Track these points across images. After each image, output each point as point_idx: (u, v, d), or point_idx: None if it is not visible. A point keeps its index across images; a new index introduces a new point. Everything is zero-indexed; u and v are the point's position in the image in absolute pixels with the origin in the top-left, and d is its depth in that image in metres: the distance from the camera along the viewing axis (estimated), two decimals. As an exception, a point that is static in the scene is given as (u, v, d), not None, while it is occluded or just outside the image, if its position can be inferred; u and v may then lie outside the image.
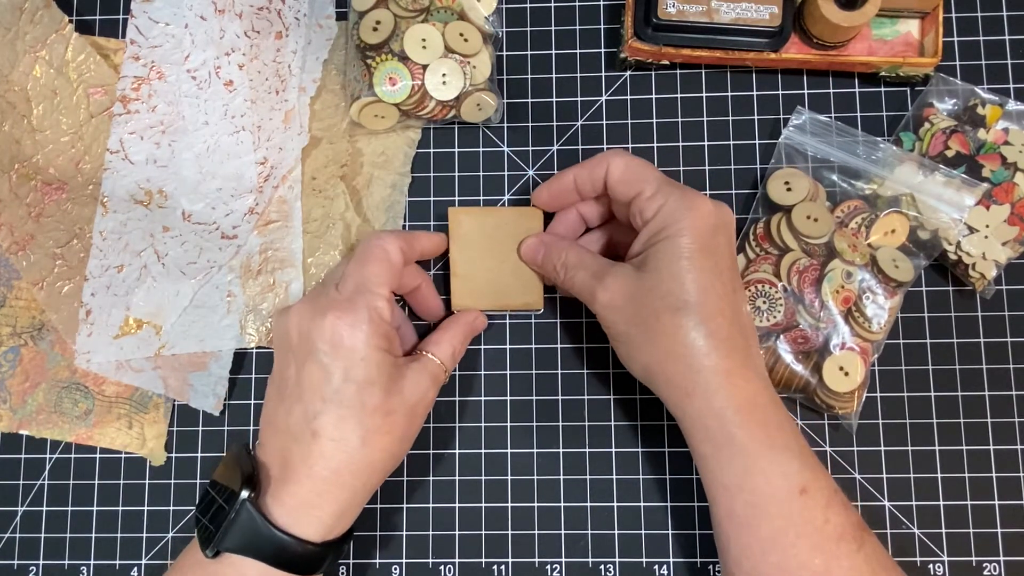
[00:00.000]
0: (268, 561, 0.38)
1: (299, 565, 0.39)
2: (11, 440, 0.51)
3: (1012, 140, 0.47)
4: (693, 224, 0.39)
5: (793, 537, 0.37)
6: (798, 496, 0.37)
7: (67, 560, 0.49)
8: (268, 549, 0.38)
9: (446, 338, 0.45)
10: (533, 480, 0.49)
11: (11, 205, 0.50)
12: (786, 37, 0.48)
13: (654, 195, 0.41)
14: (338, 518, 0.40)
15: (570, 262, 0.44)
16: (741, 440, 0.38)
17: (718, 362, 0.38)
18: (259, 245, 0.50)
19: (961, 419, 0.48)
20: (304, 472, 0.39)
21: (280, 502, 0.39)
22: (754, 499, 0.38)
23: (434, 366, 0.43)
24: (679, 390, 0.39)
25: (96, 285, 0.50)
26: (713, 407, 0.38)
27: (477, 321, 0.47)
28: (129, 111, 0.51)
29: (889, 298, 0.46)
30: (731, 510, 0.39)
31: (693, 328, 0.38)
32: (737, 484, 0.38)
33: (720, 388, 0.38)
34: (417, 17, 0.48)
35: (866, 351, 0.46)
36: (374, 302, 0.40)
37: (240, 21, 0.50)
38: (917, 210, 0.47)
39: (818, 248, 0.46)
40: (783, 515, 0.37)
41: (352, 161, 0.51)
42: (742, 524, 0.38)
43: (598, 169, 0.43)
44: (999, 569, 0.47)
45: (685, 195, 0.40)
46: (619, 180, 0.42)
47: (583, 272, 0.43)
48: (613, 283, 0.41)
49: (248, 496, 0.38)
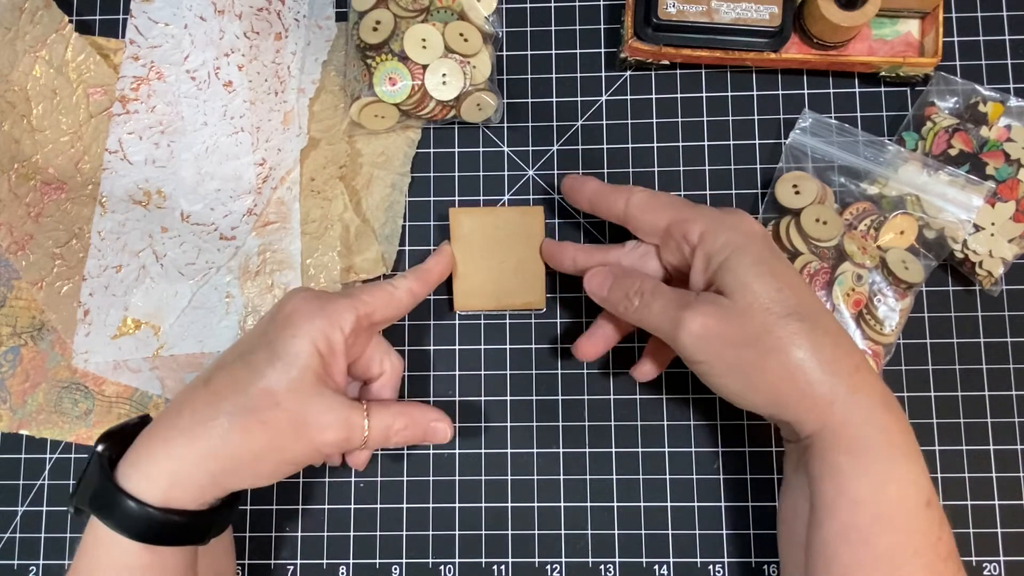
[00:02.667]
0: (110, 521, 0.36)
1: (141, 530, 0.36)
2: (11, 440, 0.51)
3: (1015, 137, 0.47)
4: (749, 234, 0.38)
5: (910, 554, 0.35)
6: (924, 508, 0.35)
7: (67, 560, 0.49)
8: (108, 506, 0.36)
9: (392, 410, 0.40)
10: (533, 480, 0.49)
11: (10, 205, 0.50)
12: (786, 37, 0.48)
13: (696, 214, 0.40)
14: (172, 481, 0.36)
15: (647, 289, 0.40)
16: (880, 445, 0.35)
17: (846, 361, 0.36)
18: (258, 246, 0.50)
19: (961, 419, 0.48)
20: (172, 417, 0.37)
21: (134, 451, 0.37)
22: (882, 511, 0.35)
23: (356, 417, 0.38)
24: (814, 401, 0.36)
25: (94, 285, 0.50)
26: (859, 406, 0.35)
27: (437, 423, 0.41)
28: (128, 111, 0.51)
29: (900, 300, 0.46)
30: (851, 524, 0.35)
31: (810, 331, 0.36)
32: (867, 495, 0.35)
33: (858, 388, 0.36)
34: (417, 17, 0.48)
35: (878, 354, 0.46)
36: (344, 310, 0.39)
37: (240, 22, 0.50)
38: (923, 210, 0.47)
39: (828, 251, 0.46)
40: (907, 529, 0.35)
41: (352, 161, 0.51)
42: (860, 539, 0.35)
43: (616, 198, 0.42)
44: (999, 569, 0.47)
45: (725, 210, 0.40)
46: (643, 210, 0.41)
47: (662, 300, 0.39)
48: (704, 309, 0.37)
49: (99, 450, 0.37)
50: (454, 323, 0.50)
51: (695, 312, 0.37)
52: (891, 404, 0.37)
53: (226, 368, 0.38)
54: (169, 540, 0.36)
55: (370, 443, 0.39)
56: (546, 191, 0.51)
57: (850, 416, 0.36)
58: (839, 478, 0.36)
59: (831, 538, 0.36)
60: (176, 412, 0.37)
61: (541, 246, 0.47)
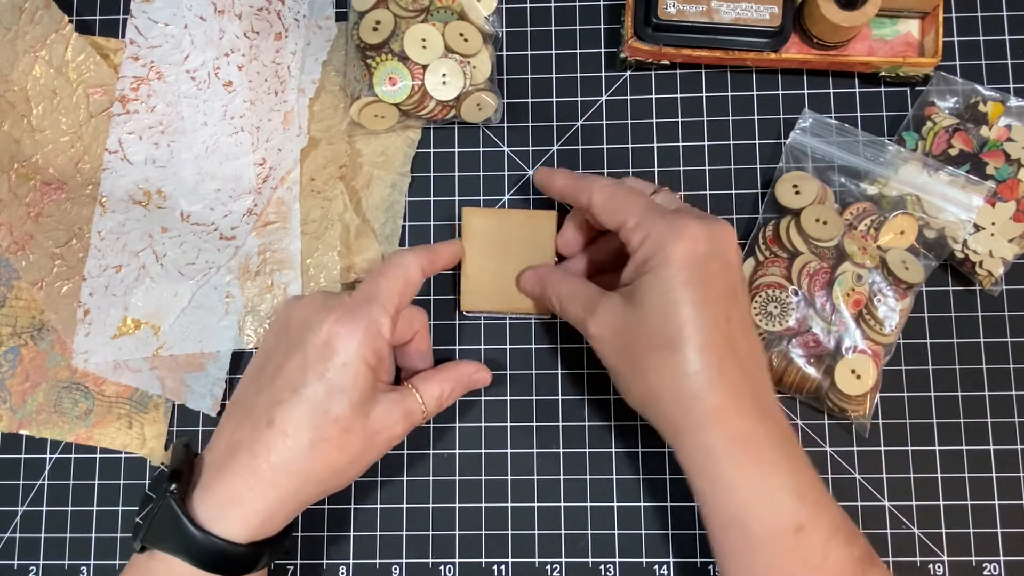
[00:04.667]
0: (189, 558, 0.37)
1: (222, 564, 0.37)
2: (11, 440, 0.51)
3: (1015, 136, 0.47)
4: (679, 254, 0.38)
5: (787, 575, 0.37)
6: (793, 535, 0.36)
7: (67, 560, 0.49)
8: (188, 546, 0.37)
9: (437, 379, 0.43)
10: (533, 480, 0.49)
11: (10, 205, 0.50)
12: (786, 37, 0.48)
13: (636, 226, 0.39)
14: (264, 519, 0.38)
15: (564, 294, 0.43)
16: (731, 476, 0.37)
17: (709, 399, 0.37)
18: (257, 246, 0.50)
19: (961, 419, 0.48)
20: (245, 460, 0.38)
21: (211, 494, 0.38)
22: (747, 534, 0.37)
23: (412, 402, 0.42)
24: (670, 426, 0.39)
25: (94, 285, 0.50)
26: (705, 444, 0.37)
27: (477, 374, 0.45)
28: (128, 111, 0.51)
29: (900, 300, 0.46)
30: (726, 543, 0.38)
31: (680, 365, 0.37)
32: (730, 519, 0.37)
33: (712, 426, 0.37)
34: (417, 17, 0.48)
35: (878, 354, 0.46)
36: (378, 316, 0.40)
37: (239, 22, 0.50)
38: (923, 210, 0.47)
39: (828, 251, 0.46)
40: (777, 553, 0.37)
41: (351, 161, 0.51)
42: (737, 559, 0.38)
43: (581, 195, 0.43)
44: (999, 569, 0.47)
45: (671, 223, 0.39)
46: (601, 210, 0.42)
47: (575, 304, 0.42)
48: (602, 316, 0.40)
49: (172, 489, 0.37)
50: (454, 323, 0.50)
51: (594, 319, 0.41)
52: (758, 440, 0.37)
53: (285, 405, 0.38)
54: (250, 569, 0.38)
55: (428, 416, 0.43)
56: (546, 191, 0.51)
57: (699, 448, 0.38)
58: (703, 500, 0.38)
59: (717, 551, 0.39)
60: (250, 455, 0.38)
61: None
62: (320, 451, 0.38)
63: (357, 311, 0.39)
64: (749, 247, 0.49)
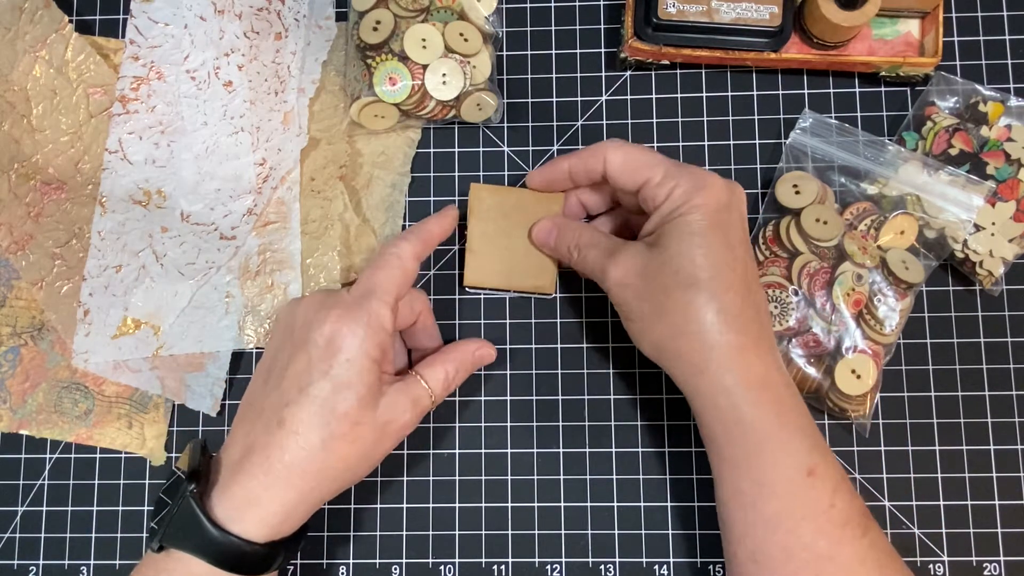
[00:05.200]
0: (208, 558, 0.37)
1: (240, 564, 0.38)
2: (11, 440, 0.51)
3: (1015, 136, 0.47)
4: (704, 202, 0.39)
5: (798, 518, 0.37)
6: (805, 477, 0.38)
7: (67, 560, 0.49)
8: (207, 545, 0.37)
9: (440, 362, 0.44)
10: (533, 480, 0.49)
11: (10, 205, 0.50)
12: (786, 37, 0.48)
13: (663, 180, 0.41)
14: (282, 519, 0.38)
15: (583, 242, 0.43)
16: (751, 419, 0.38)
17: (731, 338, 0.38)
18: (257, 246, 0.50)
19: (961, 419, 0.48)
20: (259, 461, 0.38)
21: (228, 495, 0.38)
22: (761, 478, 0.38)
23: (419, 389, 0.42)
24: (691, 367, 0.39)
25: (94, 285, 0.50)
26: (725, 384, 0.38)
27: (480, 351, 0.45)
28: (128, 111, 0.51)
29: (900, 300, 0.46)
30: (737, 488, 0.39)
31: (704, 304, 0.38)
32: (745, 463, 0.38)
33: (732, 365, 0.38)
34: (417, 17, 0.48)
35: (878, 354, 0.46)
36: (378, 309, 0.40)
37: (240, 22, 0.50)
38: (923, 210, 0.47)
39: (828, 251, 0.46)
40: (789, 495, 0.38)
41: (351, 161, 0.51)
42: (748, 503, 0.38)
43: (593, 161, 0.43)
44: (999, 569, 0.47)
45: (695, 175, 0.40)
46: (621, 171, 0.42)
47: (595, 251, 0.43)
48: (625, 260, 0.41)
49: (191, 490, 0.38)
50: (455, 323, 0.50)
51: (615, 263, 0.41)
52: (775, 383, 0.39)
53: (293, 405, 0.39)
54: (267, 568, 0.39)
55: (436, 401, 0.43)
56: (546, 191, 0.51)
57: (719, 388, 0.38)
58: (716, 445, 0.40)
59: (726, 500, 0.40)
60: (263, 457, 0.39)
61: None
62: (332, 448, 0.39)
63: (357, 307, 0.40)
64: (750, 245, 0.49)
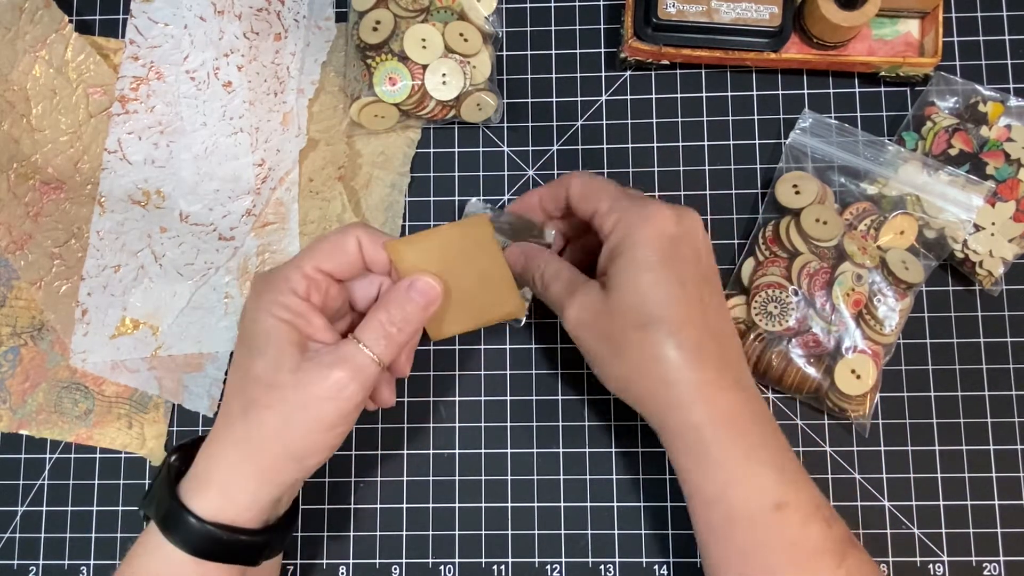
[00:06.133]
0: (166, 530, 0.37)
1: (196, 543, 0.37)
2: (11, 440, 0.51)
3: (1015, 136, 0.47)
4: (649, 235, 0.39)
5: (768, 551, 0.37)
6: (773, 511, 0.37)
7: (67, 560, 0.49)
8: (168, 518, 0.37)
9: (370, 316, 0.39)
10: (533, 480, 0.49)
11: (9, 204, 0.50)
12: (786, 37, 0.48)
13: (609, 210, 0.40)
14: (222, 493, 0.37)
15: (548, 272, 0.43)
16: (717, 455, 0.38)
17: (690, 374, 0.38)
18: (256, 247, 0.50)
19: (961, 419, 0.48)
20: (209, 437, 0.39)
21: (189, 473, 0.39)
22: (730, 512, 0.38)
23: (350, 349, 0.37)
24: (655, 405, 0.39)
25: (93, 285, 0.50)
26: (690, 420, 0.38)
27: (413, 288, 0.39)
28: (127, 111, 0.51)
29: (899, 300, 0.46)
30: (708, 521, 0.39)
31: (660, 342, 0.38)
32: (714, 496, 0.38)
33: (695, 401, 0.38)
34: (417, 17, 0.48)
35: (878, 354, 0.46)
36: (288, 272, 0.38)
37: (239, 22, 0.50)
38: (923, 210, 0.47)
39: (828, 251, 0.46)
40: (758, 528, 0.38)
41: (351, 161, 0.51)
42: (719, 535, 0.38)
43: (559, 189, 0.43)
44: (999, 569, 0.47)
45: (640, 206, 0.39)
46: (578, 199, 0.42)
47: (557, 284, 0.42)
48: (581, 300, 0.40)
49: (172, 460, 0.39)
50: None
51: (573, 301, 0.40)
52: (741, 417, 0.38)
53: (227, 380, 0.40)
54: (221, 556, 0.38)
55: (383, 356, 0.38)
56: (546, 191, 0.51)
57: (684, 425, 0.38)
58: (686, 478, 0.39)
59: (700, 531, 0.39)
60: (212, 432, 0.40)
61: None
62: (252, 416, 0.37)
63: (271, 273, 0.39)
64: (749, 247, 0.49)
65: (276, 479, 0.38)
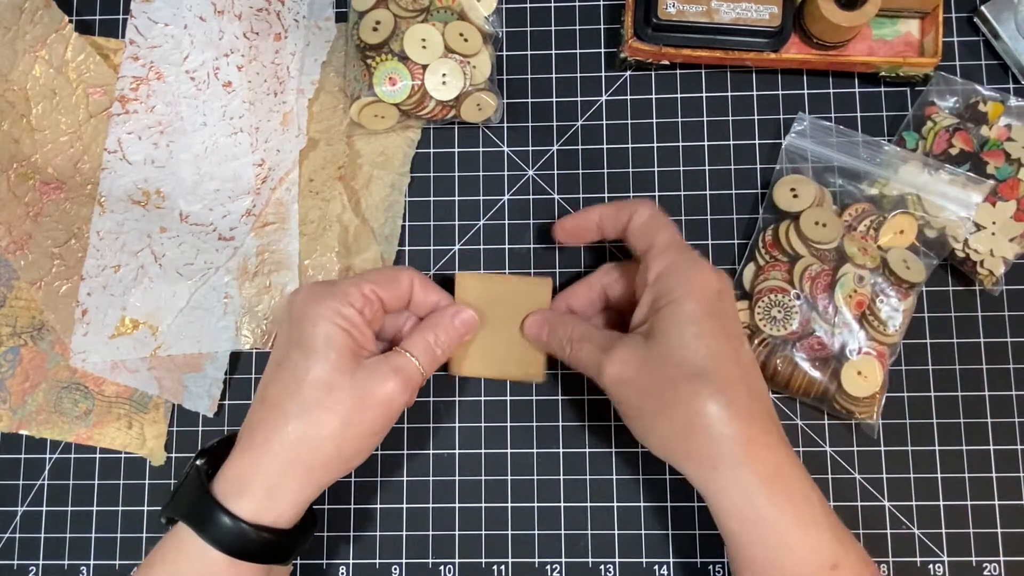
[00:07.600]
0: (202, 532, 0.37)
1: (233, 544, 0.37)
2: (11, 440, 0.51)
3: (1015, 136, 0.47)
4: (698, 288, 0.38)
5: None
6: (829, 572, 0.36)
7: (67, 560, 0.49)
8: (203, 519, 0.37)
9: (419, 330, 0.43)
10: (533, 480, 0.49)
11: (9, 204, 0.50)
12: (786, 37, 0.48)
13: (665, 250, 0.40)
14: (268, 494, 0.38)
15: (576, 336, 0.42)
16: (769, 516, 0.36)
17: (739, 430, 0.37)
18: (256, 247, 0.50)
19: (961, 419, 0.48)
20: (247, 439, 0.39)
21: (224, 476, 0.39)
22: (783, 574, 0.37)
23: (400, 359, 0.41)
24: (701, 462, 0.37)
25: (92, 285, 0.50)
26: (739, 479, 0.37)
27: (459, 315, 0.44)
28: (127, 111, 0.51)
29: (902, 300, 0.46)
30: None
31: (711, 396, 0.37)
32: (767, 560, 0.37)
33: (744, 459, 0.36)
34: (417, 17, 0.48)
35: (883, 354, 0.46)
36: (347, 288, 0.41)
37: (239, 22, 0.50)
38: (923, 209, 0.47)
39: (828, 253, 0.46)
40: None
41: (351, 161, 0.51)
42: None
43: (623, 214, 0.43)
44: (999, 569, 0.47)
45: (691, 257, 0.40)
46: (641, 229, 0.42)
47: (589, 345, 0.41)
48: (621, 354, 0.39)
49: (199, 463, 0.39)
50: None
51: (611, 359, 0.39)
52: (789, 475, 0.37)
53: (272, 381, 0.40)
54: (256, 557, 0.38)
55: (426, 369, 0.42)
56: (546, 191, 0.51)
57: (732, 484, 0.37)
58: (734, 542, 0.38)
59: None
60: (249, 434, 0.40)
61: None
62: (310, 416, 0.38)
63: (330, 284, 0.41)
64: (749, 252, 0.49)
65: (322, 480, 0.40)
